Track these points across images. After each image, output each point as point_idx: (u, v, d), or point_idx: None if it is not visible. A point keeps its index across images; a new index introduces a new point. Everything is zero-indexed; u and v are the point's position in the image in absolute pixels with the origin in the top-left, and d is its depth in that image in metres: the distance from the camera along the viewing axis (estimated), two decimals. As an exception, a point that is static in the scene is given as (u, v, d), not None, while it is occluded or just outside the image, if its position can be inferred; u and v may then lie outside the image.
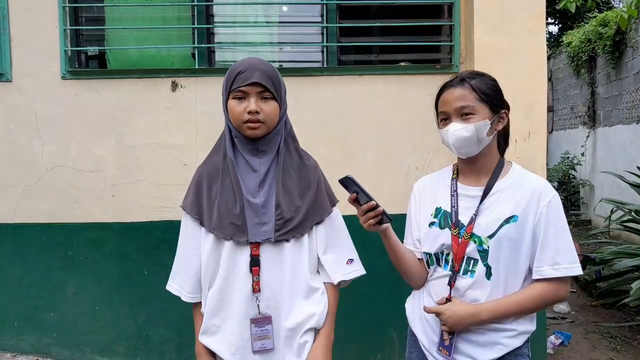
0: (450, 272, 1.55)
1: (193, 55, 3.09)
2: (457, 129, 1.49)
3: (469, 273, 1.51)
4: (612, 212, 5.03)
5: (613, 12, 8.09)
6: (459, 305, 1.51)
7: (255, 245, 1.50)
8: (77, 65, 3.04)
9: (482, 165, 1.56)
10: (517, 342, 1.52)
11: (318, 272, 1.63)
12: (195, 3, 3.03)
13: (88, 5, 3.13)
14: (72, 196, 3.00)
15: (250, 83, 1.46)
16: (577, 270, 1.48)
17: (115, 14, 3.11)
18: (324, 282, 1.63)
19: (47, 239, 3.01)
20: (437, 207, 1.60)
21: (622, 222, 5.10)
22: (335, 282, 1.61)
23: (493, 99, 1.52)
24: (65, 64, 2.96)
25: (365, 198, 1.45)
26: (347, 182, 1.46)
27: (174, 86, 2.98)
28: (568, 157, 9.48)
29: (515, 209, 1.49)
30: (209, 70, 3.00)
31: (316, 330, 1.61)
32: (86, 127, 2.99)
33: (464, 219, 1.53)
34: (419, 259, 1.65)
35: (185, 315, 2.99)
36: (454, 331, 1.53)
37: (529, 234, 1.48)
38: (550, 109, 10.65)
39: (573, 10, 5.19)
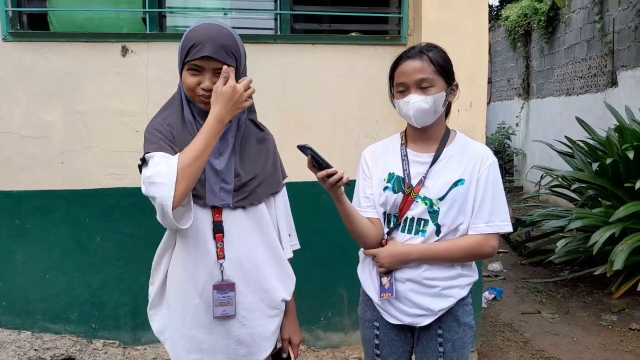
0: (410, 235, 1.68)
1: (144, 19, 3.02)
2: (418, 101, 1.59)
3: (420, 233, 1.66)
4: (541, 178, 5.42)
5: (549, -12, 8.45)
6: (392, 246, 1.68)
7: (217, 211, 1.49)
8: (18, 27, 2.90)
9: (432, 134, 1.69)
10: (464, 292, 1.71)
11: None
12: (144, -35, 2.95)
13: (28, -38, 2.97)
14: (17, 163, 2.91)
15: (205, 57, 1.38)
16: (508, 228, 1.67)
17: (59, -27, 2.98)
18: None
19: (-8, 207, 2.93)
20: (389, 173, 1.71)
21: (550, 187, 5.51)
22: (288, 256, 1.67)
23: (448, 71, 1.64)
24: (6, 26, 2.82)
25: (324, 164, 1.53)
26: (306, 150, 1.53)
27: (124, 51, 2.91)
28: (504, 127, 9.97)
29: (462, 172, 1.65)
30: (160, 35, 2.96)
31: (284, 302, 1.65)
32: (31, 91, 2.88)
33: (415, 182, 1.67)
34: (375, 219, 1.73)
35: (140, 280, 3.04)
36: (390, 271, 1.68)
37: (472, 194, 1.65)
38: (488, 81, 11.09)
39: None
